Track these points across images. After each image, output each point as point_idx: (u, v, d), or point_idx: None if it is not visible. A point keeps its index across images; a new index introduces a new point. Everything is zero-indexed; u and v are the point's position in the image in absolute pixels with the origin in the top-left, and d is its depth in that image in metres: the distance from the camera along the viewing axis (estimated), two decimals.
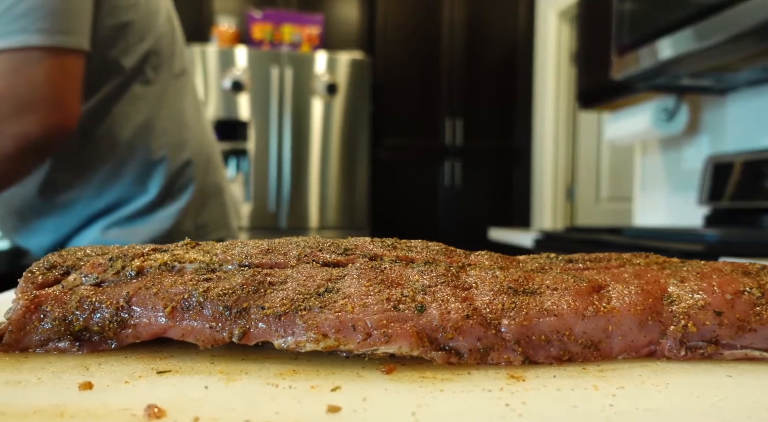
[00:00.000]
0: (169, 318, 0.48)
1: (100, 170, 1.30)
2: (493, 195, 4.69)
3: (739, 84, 2.71)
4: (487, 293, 0.49)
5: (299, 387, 0.40)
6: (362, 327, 0.45)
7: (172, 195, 1.36)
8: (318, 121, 4.32)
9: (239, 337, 0.47)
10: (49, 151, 1.18)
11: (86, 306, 0.49)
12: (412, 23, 4.57)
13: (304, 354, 0.48)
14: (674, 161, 3.14)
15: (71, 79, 1.14)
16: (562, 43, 4.47)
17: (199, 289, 0.49)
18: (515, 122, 4.71)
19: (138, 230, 1.32)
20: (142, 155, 1.32)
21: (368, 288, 0.48)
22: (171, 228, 1.35)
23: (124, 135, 1.30)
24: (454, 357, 0.45)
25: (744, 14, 1.99)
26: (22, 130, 1.09)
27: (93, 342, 0.50)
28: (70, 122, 1.13)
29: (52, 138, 1.12)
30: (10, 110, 1.08)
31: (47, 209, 1.31)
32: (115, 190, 1.31)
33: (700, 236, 1.87)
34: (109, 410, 0.36)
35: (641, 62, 2.53)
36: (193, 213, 1.41)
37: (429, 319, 0.46)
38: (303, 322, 0.46)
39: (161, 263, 0.53)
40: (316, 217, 4.37)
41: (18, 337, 0.49)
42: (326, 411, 0.36)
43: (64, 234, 1.33)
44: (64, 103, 1.12)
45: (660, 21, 2.38)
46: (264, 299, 0.48)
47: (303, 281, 0.50)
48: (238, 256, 0.54)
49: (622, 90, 2.99)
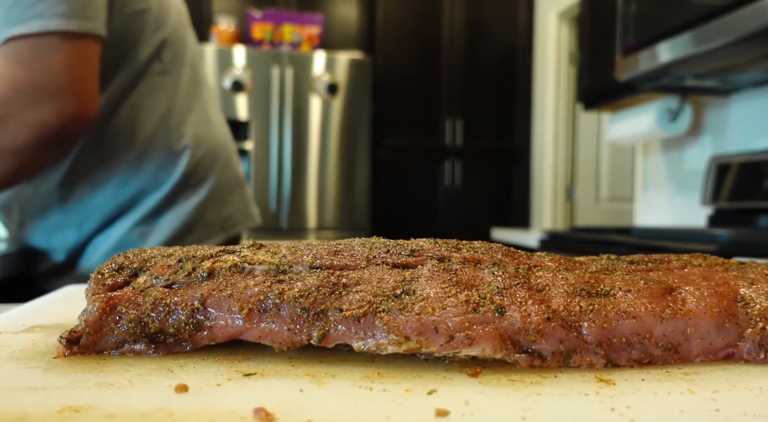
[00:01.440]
0: (246, 320, 0.48)
1: (121, 163, 1.29)
2: (493, 195, 4.70)
3: (743, 85, 2.72)
4: (562, 295, 0.49)
5: (393, 390, 0.40)
6: (444, 330, 0.45)
7: (191, 187, 1.35)
8: (318, 121, 4.31)
9: (318, 339, 0.47)
10: (70, 141, 1.16)
11: (161, 308, 0.49)
12: (412, 23, 4.57)
13: (380, 355, 0.48)
14: (676, 162, 3.15)
15: (90, 66, 1.12)
16: (561, 44, 4.48)
17: (275, 291, 0.49)
18: (515, 123, 4.72)
19: (163, 225, 1.32)
20: (162, 147, 1.31)
21: (444, 290, 0.48)
22: (194, 221, 1.35)
23: (144, 127, 1.30)
24: (537, 359, 0.45)
25: (749, 17, 2.00)
26: (43, 119, 1.07)
27: (168, 344, 0.49)
28: (90, 111, 1.11)
29: (72, 127, 1.10)
30: (31, 99, 1.06)
31: (70, 206, 1.30)
32: (135, 183, 1.31)
33: (712, 236, 1.88)
34: (216, 413, 0.36)
35: (646, 63, 2.54)
36: (216, 206, 1.40)
37: (510, 321, 0.46)
38: (383, 324, 0.46)
39: (231, 265, 0.52)
40: (318, 217, 4.37)
41: (94, 339, 0.48)
42: (435, 414, 0.36)
43: (88, 232, 1.32)
44: (83, 91, 1.10)
45: (665, 23, 2.39)
46: (341, 301, 0.48)
47: (377, 282, 0.50)
48: (307, 257, 0.53)
49: (626, 91, 3.00)
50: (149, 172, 1.31)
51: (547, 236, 2.68)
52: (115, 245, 1.31)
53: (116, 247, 1.31)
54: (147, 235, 1.31)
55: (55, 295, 0.76)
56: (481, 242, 0.59)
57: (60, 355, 0.48)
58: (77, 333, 0.48)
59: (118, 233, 1.30)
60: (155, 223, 1.32)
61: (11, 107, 1.06)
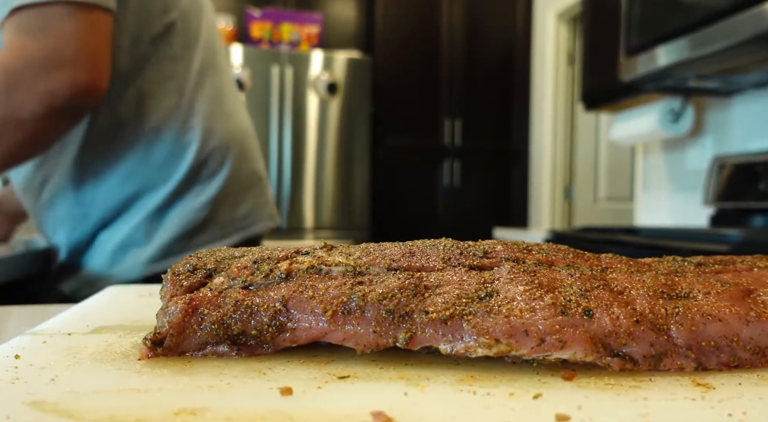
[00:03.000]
0: (330, 322, 0.48)
1: (127, 154, 1.27)
2: (492, 195, 4.71)
3: (746, 86, 2.74)
4: (644, 298, 0.49)
5: (497, 394, 0.40)
6: (535, 332, 0.45)
7: (200, 182, 1.32)
8: (318, 120, 4.31)
9: (405, 342, 0.47)
10: (78, 114, 1.13)
11: (243, 310, 0.49)
12: (411, 23, 4.57)
13: (464, 357, 0.48)
14: (677, 162, 3.17)
15: (101, 36, 1.10)
16: (560, 44, 4.50)
17: (358, 293, 0.49)
18: (514, 123, 4.73)
19: (169, 223, 1.29)
20: (170, 138, 1.29)
21: (529, 292, 0.48)
22: (205, 219, 1.32)
23: (151, 116, 1.27)
24: (628, 363, 0.45)
25: (751, 19, 2.01)
26: (52, 88, 1.05)
27: (249, 345, 0.49)
28: (100, 82, 1.09)
29: (82, 99, 1.08)
30: (40, 69, 1.04)
31: (75, 197, 1.29)
32: (142, 176, 1.28)
33: (724, 236, 1.88)
34: (333, 416, 0.36)
35: (650, 64, 2.55)
36: (230, 203, 1.37)
37: (600, 324, 0.46)
38: (471, 327, 0.46)
39: (308, 266, 0.52)
40: (317, 217, 4.36)
41: (178, 341, 0.48)
42: (555, 419, 0.35)
43: (92, 227, 1.30)
44: (94, 61, 1.08)
45: (669, 24, 2.40)
46: (425, 303, 0.48)
47: (458, 284, 0.50)
48: (383, 259, 0.53)
49: (629, 91, 3.01)
50: (156, 164, 1.28)
51: (552, 236, 2.69)
52: (120, 243, 1.29)
53: (122, 245, 1.28)
54: (153, 233, 1.29)
55: (102, 296, 0.75)
56: (547, 244, 0.59)
57: (144, 357, 0.47)
58: (161, 334, 0.48)
59: (123, 230, 1.28)
60: (161, 220, 1.29)
61: (20, 76, 1.04)
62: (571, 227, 4.40)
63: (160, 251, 1.28)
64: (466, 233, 4.57)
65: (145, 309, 0.67)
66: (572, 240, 2.62)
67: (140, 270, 1.28)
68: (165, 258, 1.28)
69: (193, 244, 1.30)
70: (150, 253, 1.28)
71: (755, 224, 2.54)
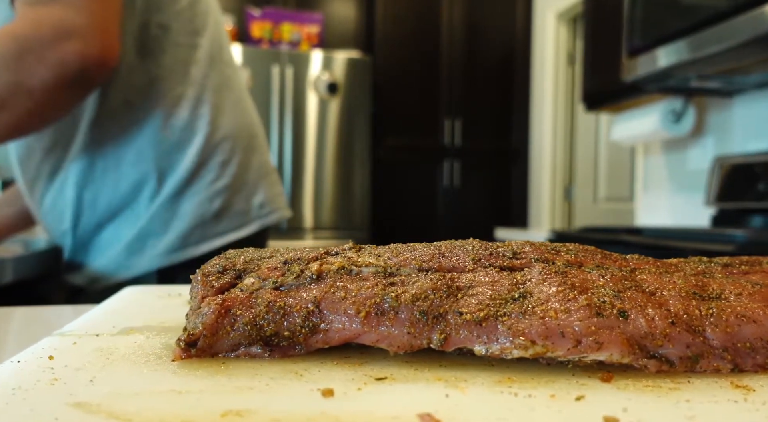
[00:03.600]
0: (363, 324, 0.48)
1: (139, 135, 1.28)
2: (492, 195, 4.71)
3: (748, 86, 2.75)
4: (677, 299, 0.49)
5: (539, 396, 0.40)
6: (571, 334, 0.45)
7: (210, 170, 1.32)
8: (319, 120, 4.30)
9: (440, 343, 0.47)
10: (89, 86, 1.13)
11: (275, 311, 0.49)
12: (411, 23, 4.57)
13: (498, 359, 0.48)
14: (678, 162, 3.17)
15: (110, 9, 1.11)
16: (560, 45, 4.50)
17: (390, 294, 0.49)
18: (513, 123, 4.73)
19: (186, 209, 1.30)
20: (180, 124, 1.30)
21: (562, 294, 0.48)
22: (221, 207, 1.33)
23: (162, 101, 1.28)
24: (665, 364, 0.45)
25: (754, 20, 2.01)
26: (62, 57, 1.05)
27: (282, 346, 0.49)
28: (110, 54, 1.09)
29: (92, 70, 1.08)
30: (51, 38, 1.04)
31: (86, 180, 1.29)
32: (152, 158, 1.28)
33: (729, 236, 1.89)
34: (380, 418, 0.36)
35: (653, 65, 2.55)
36: (246, 192, 1.38)
37: (635, 325, 0.46)
38: (506, 328, 0.46)
39: (339, 267, 0.52)
40: (317, 217, 4.36)
41: (211, 342, 0.48)
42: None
43: (101, 212, 1.30)
44: (103, 33, 1.08)
45: (672, 25, 2.40)
46: (458, 304, 0.48)
47: (490, 285, 0.50)
48: (414, 260, 0.53)
49: (631, 92, 3.02)
50: (165, 149, 1.29)
51: (554, 236, 2.69)
52: (137, 234, 1.28)
53: (139, 236, 1.28)
54: (169, 222, 1.29)
55: (122, 297, 0.75)
56: (573, 244, 0.59)
57: (177, 358, 0.47)
58: (194, 335, 0.48)
59: (138, 222, 1.28)
60: (176, 209, 1.30)
61: (31, 44, 1.05)
62: (573, 228, 4.41)
63: (178, 241, 1.29)
64: (465, 233, 4.56)
65: (168, 310, 0.67)
66: (575, 241, 2.61)
67: (159, 261, 1.28)
68: (183, 249, 1.29)
69: (211, 233, 1.31)
70: (168, 243, 1.29)
71: (755, 224, 2.55)
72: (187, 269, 1.22)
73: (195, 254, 1.30)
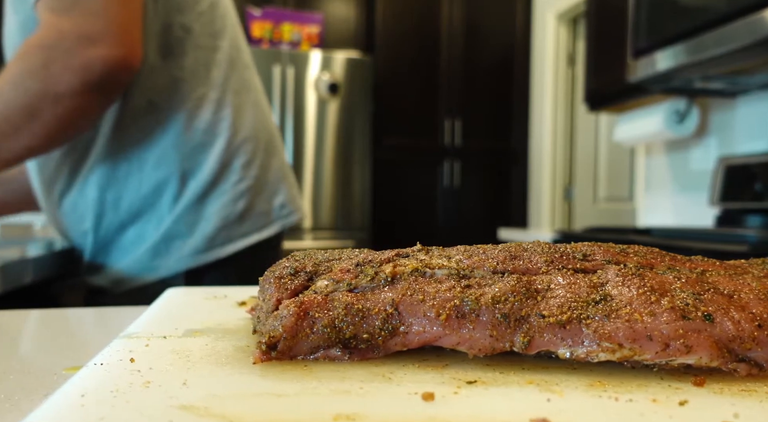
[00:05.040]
0: (444, 326, 0.48)
1: (162, 137, 1.28)
2: (492, 195, 4.72)
3: (751, 87, 2.76)
4: (756, 301, 0.49)
5: (640, 401, 0.39)
6: (659, 337, 0.45)
7: (234, 172, 1.33)
8: (319, 120, 4.30)
9: (523, 346, 0.47)
10: (115, 89, 1.15)
11: (354, 313, 0.48)
12: (411, 23, 4.57)
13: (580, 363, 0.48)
14: (681, 162, 3.18)
15: (131, 12, 1.13)
16: (560, 45, 4.51)
17: (470, 296, 0.48)
18: (513, 123, 4.74)
19: (211, 211, 1.31)
20: (202, 126, 1.30)
21: (644, 296, 0.48)
22: (245, 208, 1.34)
23: (185, 103, 1.29)
24: (754, 368, 0.45)
25: (759, 23, 2.02)
26: (86, 63, 1.07)
27: (360, 349, 0.49)
28: (133, 56, 1.12)
29: (117, 73, 1.10)
30: (74, 44, 1.07)
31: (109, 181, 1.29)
32: (175, 160, 1.29)
33: (740, 236, 1.89)
34: (487, 420, 0.35)
35: (657, 66, 2.56)
36: (267, 193, 1.39)
37: (722, 329, 0.46)
38: (591, 331, 0.46)
39: (413, 270, 0.52)
40: (316, 217, 4.35)
41: (291, 344, 0.48)
42: None
43: (122, 214, 1.30)
44: (125, 36, 1.10)
45: (676, 26, 2.41)
46: (539, 307, 0.48)
47: (568, 287, 0.50)
48: (486, 262, 0.53)
49: (634, 92, 3.03)
50: (188, 151, 1.30)
51: (561, 237, 2.69)
52: (163, 235, 1.28)
53: (165, 238, 1.28)
54: (195, 224, 1.30)
55: (169, 299, 0.75)
56: (636, 246, 0.59)
57: (257, 360, 0.47)
58: (275, 338, 0.47)
59: (164, 223, 1.28)
60: (201, 211, 1.30)
61: (54, 51, 1.07)
62: (573, 228, 4.42)
63: (203, 243, 1.30)
64: (465, 233, 4.58)
65: (220, 312, 0.66)
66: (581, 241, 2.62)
67: (186, 262, 1.29)
68: (209, 250, 1.30)
69: (235, 235, 1.33)
70: (194, 245, 1.30)
71: (757, 224, 2.56)
72: (213, 270, 1.22)
73: (221, 256, 1.30)
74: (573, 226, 4.46)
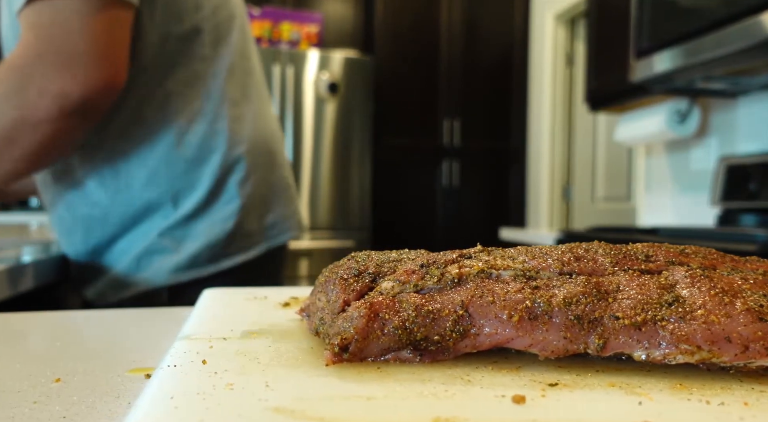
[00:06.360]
0: (516, 328, 0.47)
1: (152, 153, 1.22)
2: (491, 195, 4.72)
3: (752, 88, 2.77)
4: None
5: (732, 404, 0.39)
6: (737, 339, 0.45)
7: (227, 191, 1.26)
8: (319, 120, 4.29)
9: (598, 348, 0.46)
10: (95, 113, 1.08)
11: (424, 315, 0.48)
12: (410, 23, 4.57)
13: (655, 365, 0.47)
14: (681, 162, 3.19)
15: (117, 32, 1.05)
16: (558, 45, 4.52)
17: (542, 298, 0.48)
18: (512, 123, 4.74)
19: (200, 230, 1.25)
20: (195, 142, 1.24)
21: (716, 298, 0.48)
22: (234, 229, 1.27)
23: (179, 118, 1.22)
24: None
25: (761, 24, 2.03)
26: (64, 89, 1.00)
27: (431, 351, 0.48)
28: (115, 80, 1.04)
29: (96, 98, 1.03)
30: (51, 67, 0.99)
31: (97, 198, 1.24)
32: (166, 179, 1.23)
33: (750, 236, 1.90)
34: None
35: (660, 66, 2.56)
36: (258, 211, 1.32)
37: None
38: (668, 333, 0.45)
39: (478, 271, 0.51)
40: (316, 217, 4.34)
41: (362, 346, 0.47)
42: None
43: (111, 229, 1.25)
44: (108, 58, 1.03)
45: (679, 27, 2.41)
46: (612, 308, 0.47)
47: (638, 289, 0.49)
48: (552, 263, 0.52)
49: (635, 92, 3.03)
50: (180, 169, 1.24)
51: (565, 236, 2.69)
52: (146, 248, 1.24)
53: (148, 251, 1.24)
54: (182, 242, 1.24)
55: (211, 300, 0.74)
56: (694, 246, 0.59)
57: (329, 362, 0.46)
58: (347, 339, 0.47)
59: (149, 236, 1.24)
60: (189, 230, 1.25)
61: (31, 75, 1.00)
62: (572, 227, 4.42)
63: (187, 261, 1.24)
64: (464, 232, 4.58)
65: (267, 313, 0.65)
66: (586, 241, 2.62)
67: (164, 278, 1.24)
68: (190, 269, 1.25)
69: (220, 254, 1.26)
70: (177, 262, 1.24)
71: (754, 224, 2.57)
72: (196, 287, 1.15)
73: (202, 275, 1.25)
74: (571, 226, 4.47)
